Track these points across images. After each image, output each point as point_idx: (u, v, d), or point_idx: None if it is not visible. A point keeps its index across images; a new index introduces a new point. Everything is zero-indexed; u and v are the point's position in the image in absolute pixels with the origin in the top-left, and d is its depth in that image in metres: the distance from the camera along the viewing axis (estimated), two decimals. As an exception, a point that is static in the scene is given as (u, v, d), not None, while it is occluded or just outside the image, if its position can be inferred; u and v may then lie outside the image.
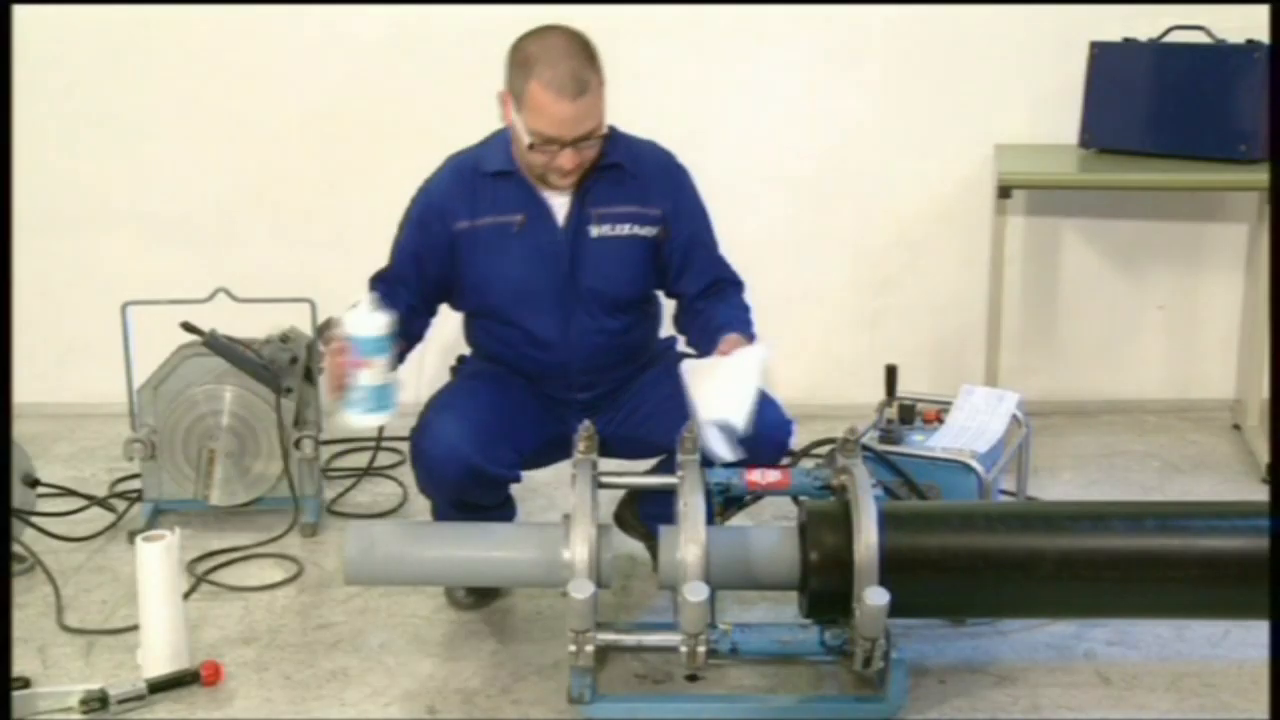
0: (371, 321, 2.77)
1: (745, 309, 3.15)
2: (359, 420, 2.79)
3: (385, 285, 3.05)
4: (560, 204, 3.04)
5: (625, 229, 3.06)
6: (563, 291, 3.06)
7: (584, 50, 2.91)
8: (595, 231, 3.05)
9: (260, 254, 4.27)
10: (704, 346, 3.02)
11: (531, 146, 2.91)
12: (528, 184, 3.02)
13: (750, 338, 2.97)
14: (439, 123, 4.17)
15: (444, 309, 3.21)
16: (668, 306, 3.27)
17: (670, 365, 2.97)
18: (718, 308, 3.11)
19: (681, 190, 3.13)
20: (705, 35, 4.19)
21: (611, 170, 3.05)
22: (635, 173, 3.07)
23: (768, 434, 3.00)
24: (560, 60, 2.86)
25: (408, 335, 3.01)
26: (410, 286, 3.08)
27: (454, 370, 3.28)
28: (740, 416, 2.74)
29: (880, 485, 3.01)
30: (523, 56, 2.91)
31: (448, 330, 3.29)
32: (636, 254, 3.08)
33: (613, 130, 3.04)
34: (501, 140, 3.05)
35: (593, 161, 3.00)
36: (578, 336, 3.09)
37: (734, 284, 3.20)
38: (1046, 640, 3.03)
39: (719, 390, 2.79)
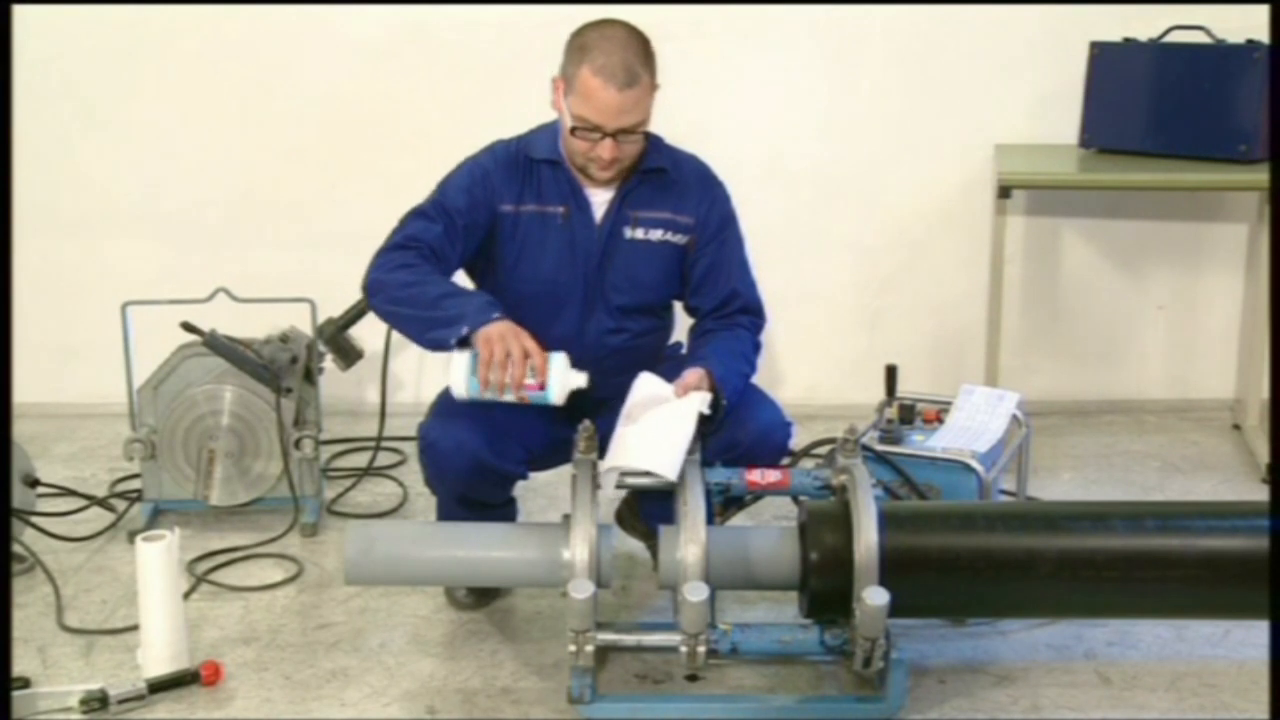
0: (564, 394, 2.81)
1: (743, 352, 3.06)
2: (461, 389, 2.80)
3: (421, 219, 3.00)
4: (601, 202, 3.05)
5: (659, 234, 3.07)
6: (588, 289, 3.07)
7: (641, 46, 2.94)
8: (630, 234, 3.06)
9: (260, 254, 4.27)
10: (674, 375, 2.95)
11: (574, 131, 2.93)
12: (572, 176, 3.04)
13: (715, 378, 2.89)
14: (439, 123, 4.20)
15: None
16: (680, 313, 3.26)
17: (675, 370, 2.96)
18: (717, 338, 3.07)
19: (715, 204, 3.12)
20: (706, 36, 4.19)
21: (654, 175, 3.06)
22: (676, 179, 3.08)
23: (768, 435, 3.01)
24: (615, 50, 2.89)
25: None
26: (452, 230, 3.00)
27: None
28: (672, 470, 2.72)
29: (880, 485, 3.02)
30: (580, 43, 2.93)
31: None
32: (665, 261, 3.09)
33: (658, 139, 3.07)
34: (550, 131, 3.07)
35: (633, 162, 3.02)
36: (594, 335, 3.09)
37: (748, 313, 3.14)
38: (1046, 640, 3.03)
39: (655, 439, 2.76)
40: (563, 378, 2.81)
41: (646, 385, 2.88)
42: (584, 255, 3.05)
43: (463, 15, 4.16)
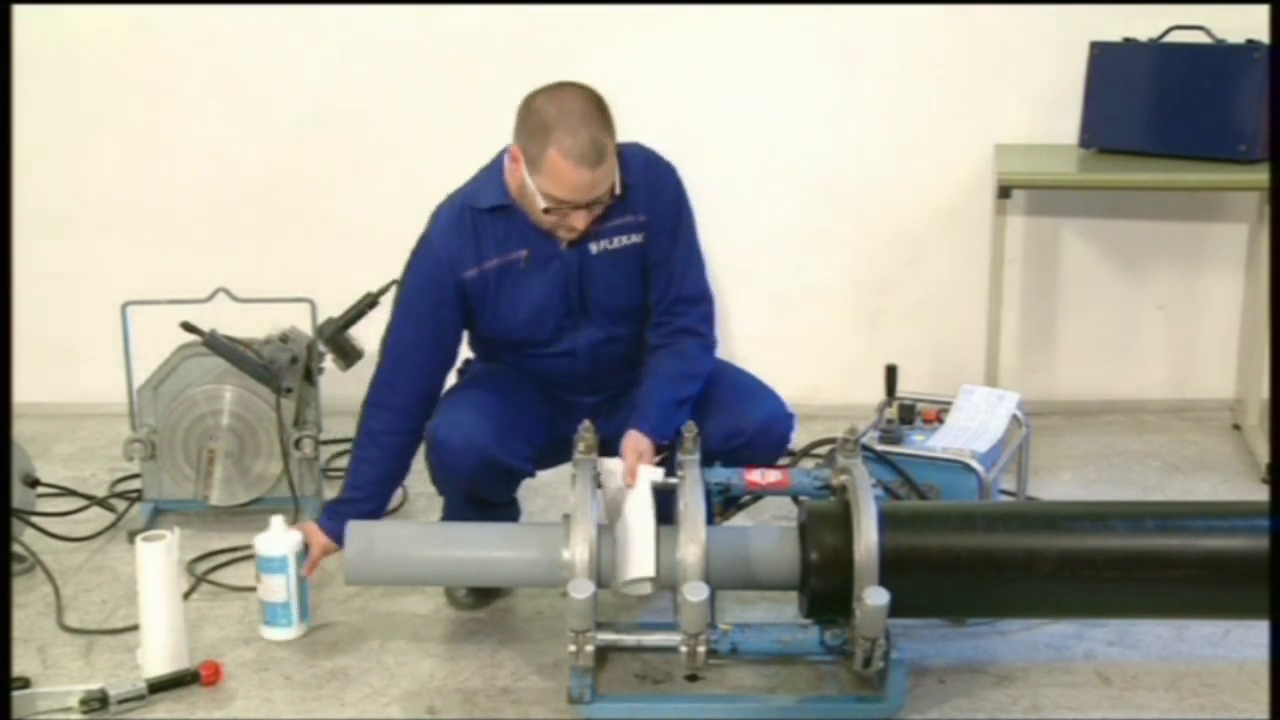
0: (272, 541, 2.98)
1: (683, 372, 3.01)
2: (265, 633, 3.04)
3: (391, 367, 3.08)
4: None
5: (621, 240, 3.03)
6: (572, 313, 3.06)
7: (600, 112, 2.85)
8: (595, 248, 3.02)
9: (260, 254, 4.27)
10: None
11: (547, 211, 2.88)
12: (525, 216, 2.98)
13: (652, 433, 2.89)
14: (439, 123, 4.20)
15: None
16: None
17: None
18: (653, 370, 3.02)
19: (661, 192, 3.05)
20: (706, 36, 4.19)
21: None
22: (627, 182, 2.99)
23: (770, 426, 3.02)
24: (579, 127, 2.80)
25: (408, 447, 3.10)
26: (421, 346, 3.06)
27: (461, 372, 3.28)
28: (651, 567, 2.72)
29: (880, 485, 3.02)
30: (539, 121, 2.83)
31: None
32: (635, 262, 3.06)
33: None
34: (493, 175, 3.02)
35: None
36: (588, 347, 3.09)
37: (690, 303, 3.07)
38: (1046, 640, 3.03)
39: (630, 550, 2.74)
40: (262, 541, 3.01)
41: (614, 472, 2.86)
42: (561, 285, 3.03)
43: (464, 16, 4.16)
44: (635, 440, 2.89)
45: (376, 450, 3.07)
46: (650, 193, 3.04)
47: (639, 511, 2.78)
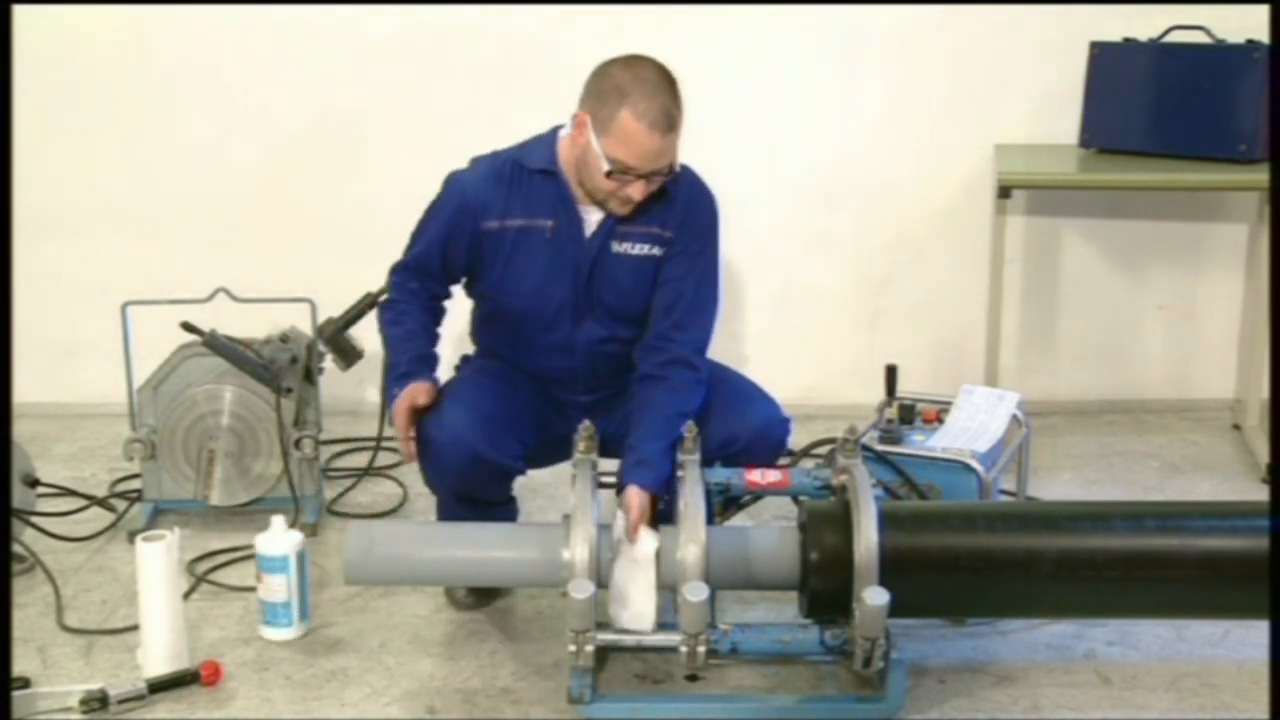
0: (273, 541, 3.02)
1: (681, 412, 2.94)
2: (265, 633, 3.06)
3: (405, 273, 3.15)
4: (593, 218, 3.03)
5: (643, 248, 3.04)
6: (578, 301, 3.06)
7: (672, 86, 2.91)
8: (617, 248, 3.04)
9: (260, 254, 4.27)
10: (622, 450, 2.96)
11: (609, 174, 2.90)
12: (566, 189, 3.01)
13: (654, 486, 2.84)
14: (439, 123, 4.20)
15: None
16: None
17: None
18: (653, 405, 2.97)
19: (695, 216, 3.06)
20: (706, 36, 4.19)
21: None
22: (669, 193, 3.02)
23: (766, 431, 3.02)
24: (655, 94, 2.86)
25: (433, 331, 3.18)
26: (434, 275, 3.14)
27: (458, 368, 3.29)
28: (651, 620, 2.74)
29: (880, 485, 3.02)
30: (614, 84, 2.88)
31: (452, 327, 3.28)
32: (649, 273, 3.06)
33: None
34: (544, 142, 3.05)
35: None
36: (587, 344, 3.10)
37: (684, 331, 3.04)
38: (1046, 640, 3.03)
39: (633, 601, 2.74)
40: (263, 540, 3.03)
41: (620, 520, 2.84)
42: (572, 270, 3.04)
43: (465, 15, 4.16)
44: (639, 498, 2.81)
45: (411, 308, 3.14)
46: (684, 213, 3.05)
47: (642, 571, 2.75)
